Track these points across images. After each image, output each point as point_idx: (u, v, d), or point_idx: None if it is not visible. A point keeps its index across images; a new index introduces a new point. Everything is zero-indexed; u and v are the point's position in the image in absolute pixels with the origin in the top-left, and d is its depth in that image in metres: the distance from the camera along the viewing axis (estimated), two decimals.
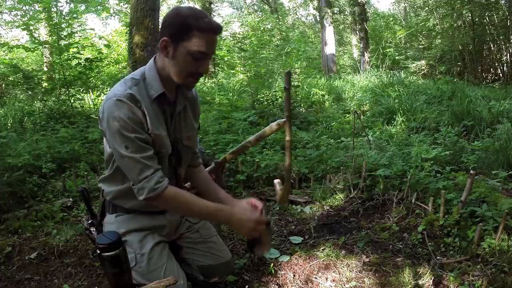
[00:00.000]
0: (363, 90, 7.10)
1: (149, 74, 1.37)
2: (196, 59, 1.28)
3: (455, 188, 2.42)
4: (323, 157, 3.38)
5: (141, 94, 1.33)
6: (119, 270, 1.21)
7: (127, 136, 1.27)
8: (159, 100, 1.37)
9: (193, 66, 1.29)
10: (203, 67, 1.31)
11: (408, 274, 1.83)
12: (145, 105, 1.32)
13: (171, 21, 1.28)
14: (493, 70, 11.11)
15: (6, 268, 1.96)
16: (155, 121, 1.36)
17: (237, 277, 1.87)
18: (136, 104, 1.29)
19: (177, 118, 1.48)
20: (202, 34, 1.25)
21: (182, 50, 1.27)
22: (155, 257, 1.46)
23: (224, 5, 25.45)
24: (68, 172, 3.30)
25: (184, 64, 1.29)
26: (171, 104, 1.43)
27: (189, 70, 1.31)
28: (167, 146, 1.41)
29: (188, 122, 1.54)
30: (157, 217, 1.57)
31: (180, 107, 1.46)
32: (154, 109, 1.36)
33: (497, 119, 4.25)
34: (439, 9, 11.81)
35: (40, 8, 6.85)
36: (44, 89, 6.11)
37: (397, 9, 21.77)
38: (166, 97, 1.38)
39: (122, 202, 1.52)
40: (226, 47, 8.97)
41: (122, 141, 1.27)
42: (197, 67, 1.30)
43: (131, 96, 1.29)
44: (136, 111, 1.29)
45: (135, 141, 1.28)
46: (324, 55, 11.82)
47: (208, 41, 1.27)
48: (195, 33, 1.24)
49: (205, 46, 1.26)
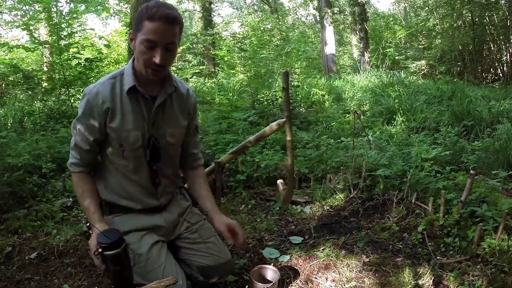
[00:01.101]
0: (363, 90, 7.10)
1: (126, 69, 1.44)
2: (148, 48, 1.31)
3: (455, 188, 2.42)
4: (323, 157, 3.38)
5: (113, 89, 1.41)
6: (120, 268, 1.21)
7: (77, 121, 1.45)
8: (133, 94, 1.43)
9: (146, 55, 1.33)
10: (157, 57, 1.32)
11: (408, 274, 1.83)
12: (113, 100, 1.40)
13: (136, 15, 1.37)
14: (493, 70, 11.11)
15: (6, 268, 1.96)
16: (120, 115, 1.42)
17: (237, 277, 1.87)
18: (97, 101, 1.40)
19: (158, 113, 1.49)
20: (150, 22, 1.28)
21: (138, 40, 1.33)
22: (153, 257, 1.46)
23: (224, 5, 25.45)
24: (68, 172, 3.28)
25: (139, 54, 1.34)
26: (149, 99, 1.46)
27: (144, 59, 1.34)
28: (130, 140, 1.44)
29: (172, 118, 1.54)
30: (154, 216, 1.57)
31: (159, 100, 1.48)
32: (124, 103, 1.42)
33: (497, 119, 4.25)
34: (439, 9, 11.81)
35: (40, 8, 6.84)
36: (44, 89, 6.11)
37: (397, 9, 21.77)
38: (139, 91, 1.43)
39: (114, 198, 1.53)
40: (226, 47, 8.96)
41: (73, 124, 1.47)
42: (151, 57, 1.32)
43: (95, 93, 1.40)
44: (93, 107, 1.40)
45: (81, 125, 1.44)
46: (324, 55, 11.82)
47: (156, 30, 1.28)
48: (145, 23, 1.29)
49: (152, 34, 1.29)
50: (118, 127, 1.42)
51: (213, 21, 15.04)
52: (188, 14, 20.23)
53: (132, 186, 1.52)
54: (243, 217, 2.61)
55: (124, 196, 1.53)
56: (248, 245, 2.22)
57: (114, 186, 1.52)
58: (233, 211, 2.75)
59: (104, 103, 1.40)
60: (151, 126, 1.48)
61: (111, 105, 1.40)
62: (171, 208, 1.65)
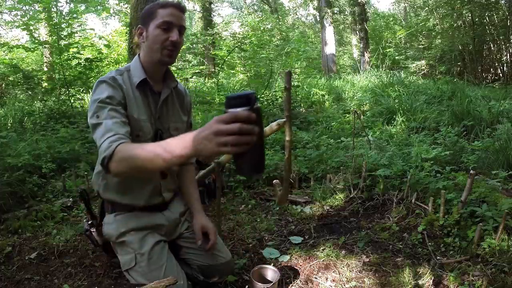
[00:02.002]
0: (363, 90, 7.10)
1: (133, 65, 1.49)
2: (164, 30, 1.40)
3: (455, 188, 2.42)
4: (323, 157, 3.38)
5: (124, 81, 1.44)
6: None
7: (101, 106, 1.31)
8: (142, 88, 1.47)
9: (162, 36, 1.40)
10: (173, 37, 1.41)
11: (408, 274, 1.83)
12: (127, 91, 1.42)
13: (142, 14, 1.47)
14: (493, 70, 11.11)
15: (6, 268, 1.96)
16: (135, 105, 1.44)
17: (237, 277, 1.87)
18: (117, 85, 1.40)
19: (163, 107, 1.54)
20: (164, 9, 1.41)
21: (152, 27, 1.41)
22: (155, 257, 1.47)
23: (224, 5, 25.48)
24: (68, 172, 3.30)
25: (155, 38, 1.41)
26: (156, 94, 1.52)
27: (161, 40, 1.41)
28: (145, 130, 1.46)
29: (175, 113, 1.60)
30: (156, 215, 1.58)
31: (164, 95, 1.53)
32: (136, 96, 1.45)
33: (497, 119, 4.24)
34: (439, 9, 11.82)
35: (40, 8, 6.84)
36: (44, 89, 6.11)
37: (397, 9, 21.78)
38: (148, 84, 1.48)
39: (116, 196, 1.53)
40: (226, 47, 8.97)
41: (95, 112, 1.31)
42: (168, 37, 1.41)
43: (113, 79, 1.41)
44: (116, 90, 1.38)
45: (106, 111, 1.30)
46: (324, 55, 11.82)
47: (171, 13, 1.41)
48: (158, 11, 1.41)
49: (168, 17, 1.40)
50: (136, 115, 1.43)
51: (213, 21, 15.04)
52: (188, 14, 20.22)
53: (136, 182, 1.52)
54: (243, 217, 2.61)
55: (127, 193, 1.52)
56: (248, 245, 2.23)
57: (116, 183, 1.51)
58: (233, 211, 2.75)
59: (121, 88, 1.41)
60: (157, 119, 1.52)
61: (126, 93, 1.42)
62: (173, 207, 1.66)
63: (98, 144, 1.22)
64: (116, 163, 1.12)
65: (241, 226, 2.47)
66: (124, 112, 1.37)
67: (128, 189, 1.52)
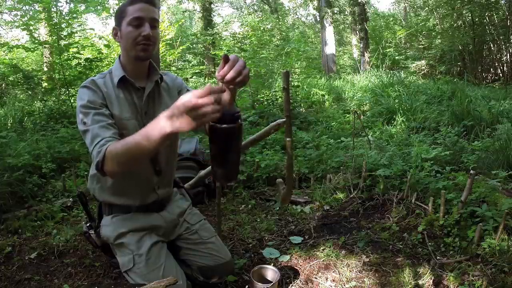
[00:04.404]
0: (363, 90, 7.11)
1: (114, 66, 1.52)
2: (135, 26, 1.40)
3: (455, 188, 2.42)
4: (323, 157, 3.38)
5: (106, 83, 1.46)
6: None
7: (85, 112, 1.35)
8: (124, 86, 1.48)
9: (134, 33, 1.41)
10: (144, 31, 1.40)
11: (408, 274, 1.83)
12: (108, 92, 1.44)
13: (115, 14, 1.49)
14: (493, 70, 11.11)
15: (6, 268, 1.96)
16: (117, 104, 1.45)
17: (237, 277, 1.87)
18: (96, 87, 1.43)
19: (148, 102, 1.53)
20: (133, 5, 1.41)
21: (124, 26, 1.42)
22: (153, 258, 1.47)
23: (224, 5, 25.49)
24: (68, 172, 3.30)
25: (128, 35, 1.42)
26: (140, 90, 1.51)
27: (133, 36, 1.41)
28: (130, 127, 1.44)
29: (162, 107, 1.54)
30: (153, 216, 1.58)
31: (148, 90, 1.52)
32: (119, 95, 1.46)
33: (497, 119, 4.24)
34: (439, 9, 11.83)
35: (40, 8, 6.83)
36: (44, 89, 6.11)
37: (397, 9, 21.79)
38: (129, 81, 1.48)
39: (111, 198, 1.53)
40: (226, 47, 8.97)
41: (81, 118, 1.35)
42: (139, 33, 1.40)
43: (92, 82, 1.44)
44: (95, 92, 1.41)
45: (91, 116, 1.34)
46: (324, 55, 11.83)
47: (139, 8, 1.41)
48: (128, 8, 1.42)
49: (137, 12, 1.40)
50: (118, 115, 1.43)
51: (213, 21, 15.05)
52: (188, 14, 20.22)
53: (129, 181, 1.50)
54: (243, 217, 2.61)
55: (122, 193, 1.52)
56: (248, 245, 2.23)
57: (110, 185, 1.51)
58: (233, 211, 2.75)
59: (101, 89, 1.43)
60: (144, 115, 1.50)
61: (106, 94, 1.44)
62: (170, 208, 1.66)
63: (89, 150, 1.29)
64: (109, 165, 1.18)
65: (241, 226, 2.47)
66: (109, 113, 1.40)
67: (122, 189, 1.52)
